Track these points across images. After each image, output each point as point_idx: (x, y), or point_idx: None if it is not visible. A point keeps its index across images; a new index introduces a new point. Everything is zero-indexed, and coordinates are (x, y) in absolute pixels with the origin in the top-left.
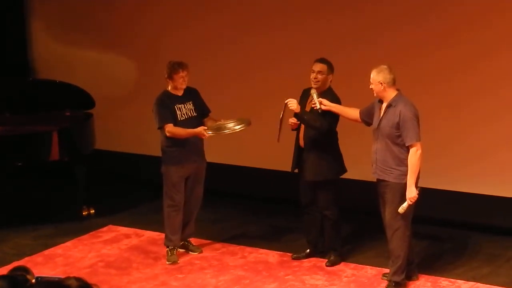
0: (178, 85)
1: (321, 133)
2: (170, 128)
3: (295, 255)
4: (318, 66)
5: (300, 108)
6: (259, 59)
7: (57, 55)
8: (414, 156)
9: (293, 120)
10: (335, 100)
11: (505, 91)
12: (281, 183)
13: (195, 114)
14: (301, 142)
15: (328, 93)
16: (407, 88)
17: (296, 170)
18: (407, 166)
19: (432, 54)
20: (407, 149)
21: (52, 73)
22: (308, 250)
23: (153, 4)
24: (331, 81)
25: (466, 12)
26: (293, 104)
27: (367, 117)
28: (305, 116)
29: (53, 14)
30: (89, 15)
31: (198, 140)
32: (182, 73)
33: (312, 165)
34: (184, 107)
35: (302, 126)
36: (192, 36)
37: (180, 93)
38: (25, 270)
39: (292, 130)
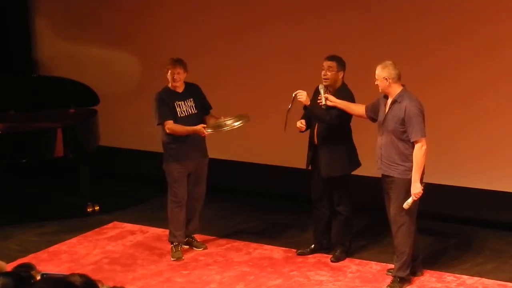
0: (171, 81)
1: (331, 127)
2: (170, 125)
3: (299, 251)
4: (327, 63)
5: (311, 101)
6: (265, 56)
7: (61, 52)
8: (419, 151)
9: (301, 123)
10: (349, 97)
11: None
12: (286, 179)
13: (195, 111)
14: (315, 139)
15: (341, 90)
16: (414, 85)
17: (310, 167)
18: (412, 161)
19: (439, 51)
20: (412, 145)
21: (56, 70)
22: (313, 246)
23: (158, 1)
24: (343, 77)
25: (474, 9)
26: (302, 96)
27: (372, 113)
28: (314, 109)
29: (57, 11)
30: (94, 13)
31: (198, 137)
32: (172, 70)
33: (326, 161)
34: (184, 104)
35: (316, 123)
36: (197, 34)
37: (180, 89)
38: (29, 266)
39: (300, 132)
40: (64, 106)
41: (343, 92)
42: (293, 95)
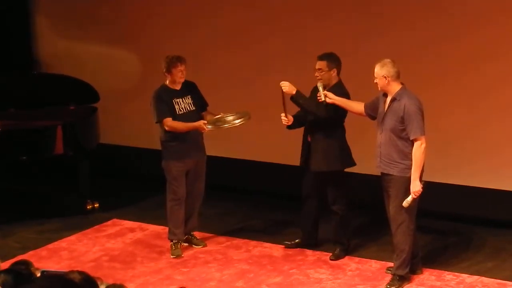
0: (177, 79)
1: (324, 123)
2: (169, 123)
3: (285, 242)
4: (317, 64)
5: (297, 91)
6: (266, 55)
7: (62, 50)
8: (418, 150)
9: (284, 118)
10: (344, 94)
11: None
12: (286, 177)
13: (193, 108)
14: (308, 135)
15: (336, 87)
16: (416, 84)
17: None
18: (411, 160)
19: (441, 50)
20: (412, 143)
21: (57, 68)
22: (297, 240)
23: (159, 0)
24: (337, 74)
25: (477, 9)
26: (285, 86)
27: (371, 111)
28: (300, 100)
29: (58, 9)
30: (94, 11)
31: (197, 134)
32: (180, 67)
33: (315, 156)
34: (183, 101)
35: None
36: (197, 33)
37: (178, 87)
38: (26, 263)
39: (287, 127)
40: (64, 103)
41: (338, 89)
42: (280, 86)
